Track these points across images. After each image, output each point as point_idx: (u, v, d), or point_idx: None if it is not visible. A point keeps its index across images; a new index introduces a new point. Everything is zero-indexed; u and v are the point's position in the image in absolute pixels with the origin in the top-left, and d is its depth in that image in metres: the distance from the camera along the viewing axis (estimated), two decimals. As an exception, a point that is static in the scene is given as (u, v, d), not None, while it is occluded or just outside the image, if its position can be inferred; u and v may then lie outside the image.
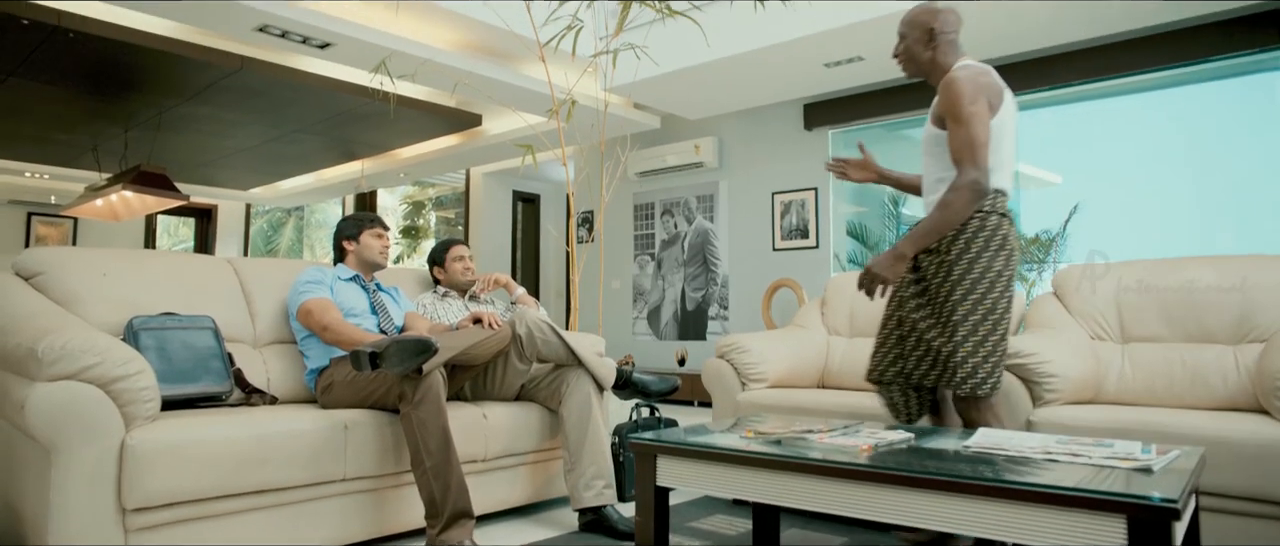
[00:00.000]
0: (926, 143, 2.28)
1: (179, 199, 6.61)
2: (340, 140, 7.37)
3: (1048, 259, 5.99)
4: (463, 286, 3.24)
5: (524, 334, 2.67)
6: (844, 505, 1.62)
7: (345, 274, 2.82)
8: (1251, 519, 2.06)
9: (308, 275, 2.71)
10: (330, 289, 2.69)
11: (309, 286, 2.66)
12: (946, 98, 2.12)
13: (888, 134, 6.26)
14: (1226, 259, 2.75)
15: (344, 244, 2.88)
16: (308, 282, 2.67)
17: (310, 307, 2.59)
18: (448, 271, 3.24)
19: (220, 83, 5.52)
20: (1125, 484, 1.39)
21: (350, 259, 2.87)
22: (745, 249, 6.33)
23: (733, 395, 3.15)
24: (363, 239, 2.85)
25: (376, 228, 2.90)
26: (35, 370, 1.83)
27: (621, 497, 3.12)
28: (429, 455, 2.21)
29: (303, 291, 2.64)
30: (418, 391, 2.22)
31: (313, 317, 2.57)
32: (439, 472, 2.21)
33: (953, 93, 2.10)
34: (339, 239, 2.90)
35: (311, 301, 2.60)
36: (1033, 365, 2.51)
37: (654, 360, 6.85)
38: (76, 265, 2.46)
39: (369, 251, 2.86)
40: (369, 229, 2.87)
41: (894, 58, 2.37)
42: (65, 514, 1.79)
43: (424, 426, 2.21)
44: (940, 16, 2.26)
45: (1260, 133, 4.69)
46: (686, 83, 5.52)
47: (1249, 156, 4.92)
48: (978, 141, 2.06)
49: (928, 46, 2.26)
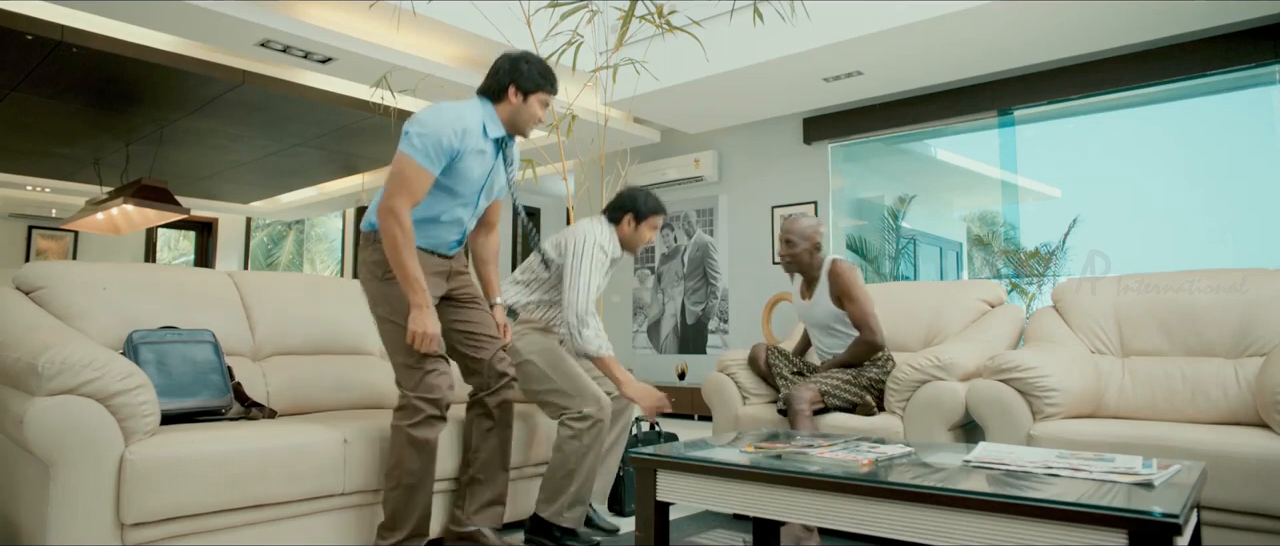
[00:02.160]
0: (825, 322, 2.97)
1: (180, 212, 6.62)
2: (341, 154, 7.39)
3: (1047, 272, 5.99)
4: (633, 251, 2.89)
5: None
6: (845, 520, 1.62)
7: (495, 130, 2.33)
8: (1253, 533, 2.05)
9: (450, 130, 2.19)
10: (456, 157, 2.23)
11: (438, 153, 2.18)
12: (842, 282, 2.87)
13: (886, 148, 6.28)
14: (1226, 272, 2.75)
15: (510, 91, 2.33)
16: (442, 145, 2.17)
17: (408, 174, 2.15)
18: (638, 236, 2.85)
19: (222, 97, 5.54)
20: (1126, 499, 1.39)
21: (504, 109, 2.35)
22: (745, 262, 6.33)
23: (733, 409, 3.15)
24: (531, 100, 2.35)
25: (552, 97, 2.40)
26: (35, 385, 1.83)
27: (621, 512, 3.12)
28: (408, 474, 2.19)
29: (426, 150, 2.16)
30: (420, 415, 2.19)
31: (394, 186, 2.15)
32: (411, 493, 2.20)
33: (847, 278, 2.87)
34: (511, 79, 2.33)
35: (418, 169, 2.16)
36: (1032, 379, 2.51)
37: (654, 374, 6.84)
38: (77, 279, 2.46)
39: (526, 117, 2.37)
40: (545, 94, 2.36)
41: (780, 258, 3.04)
42: (64, 529, 1.79)
43: (415, 445, 2.19)
44: (821, 230, 3.02)
45: (1258, 147, 4.71)
46: (686, 97, 5.54)
47: (1247, 170, 4.94)
48: (872, 311, 2.89)
49: (815, 252, 2.99)
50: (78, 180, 8.30)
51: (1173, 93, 4.69)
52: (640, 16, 3.77)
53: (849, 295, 2.87)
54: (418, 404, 2.22)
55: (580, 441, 2.55)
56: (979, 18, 4.07)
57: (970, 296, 3.29)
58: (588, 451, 2.56)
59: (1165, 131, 5.26)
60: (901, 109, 5.42)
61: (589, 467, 2.58)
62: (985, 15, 4.04)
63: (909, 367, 2.75)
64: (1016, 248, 6.10)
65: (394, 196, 2.16)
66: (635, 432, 3.33)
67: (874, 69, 4.91)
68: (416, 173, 2.17)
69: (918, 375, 2.72)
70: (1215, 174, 5.16)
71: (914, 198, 7.13)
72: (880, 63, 4.80)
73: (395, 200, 2.16)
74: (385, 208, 2.17)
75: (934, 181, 7.38)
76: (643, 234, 2.84)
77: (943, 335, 3.19)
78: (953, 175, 7.11)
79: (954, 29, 4.23)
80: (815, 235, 2.97)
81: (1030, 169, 5.52)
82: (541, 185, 8.33)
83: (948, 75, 5.04)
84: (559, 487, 2.57)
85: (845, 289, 2.87)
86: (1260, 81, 4.41)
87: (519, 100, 2.34)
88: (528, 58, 2.38)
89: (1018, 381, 2.53)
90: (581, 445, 2.55)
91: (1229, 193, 5.07)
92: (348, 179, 8.68)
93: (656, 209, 2.87)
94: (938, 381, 2.69)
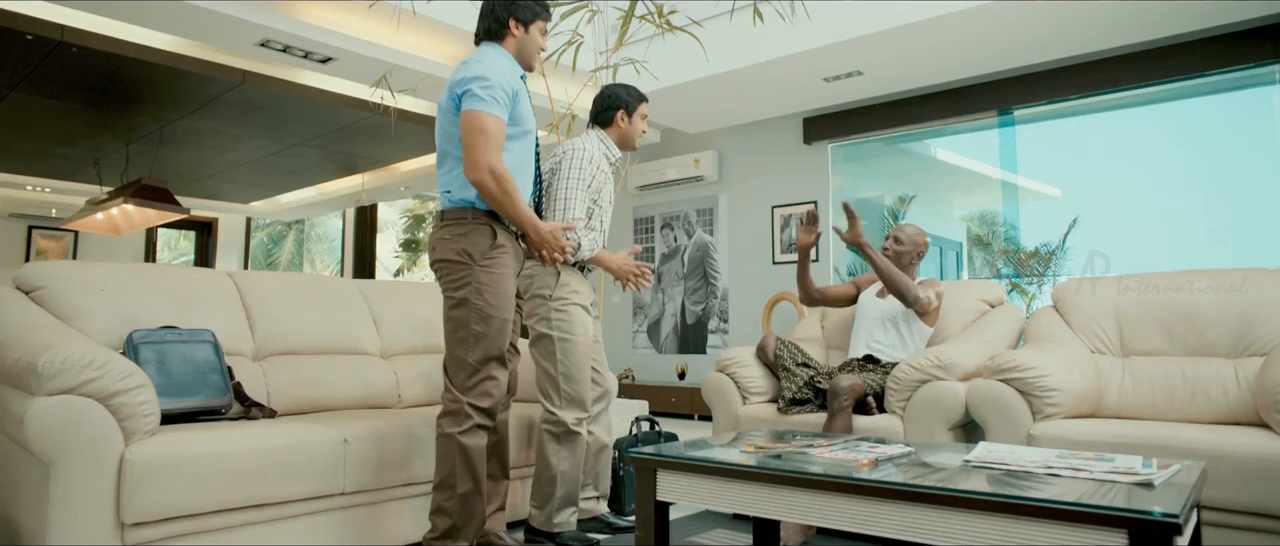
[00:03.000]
0: (893, 316, 3.13)
1: (180, 212, 6.62)
2: (341, 154, 7.39)
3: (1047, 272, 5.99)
4: (630, 147, 2.85)
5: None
6: (845, 520, 1.62)
7: (519, 70, 2.32)
8: (1253, 533, 2.05)
9: (505, 72, 2.18)
10: (516, 97, 2.21)
11: (502, 95, 2.14)
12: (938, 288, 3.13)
13: (886, 148, 6.28)
14: (1226, 272, 2.75)
15: (511, 24, 2.31)
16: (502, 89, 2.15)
17: (490, 128, 2.10)
18: (631, 127, 2.82)
19: (222, 97, 5.54)
20: (1126, 498, 1.39)
21: (510, 45, 2.33)
22: (745, 262, 6.33)
23: (733, 409, 3.15)
24: (532, 30, 2.34)
25: (547, 23, 2.39)
26: (35, 384, 1.83)
27: (620, 512, 3.11)
28: (461, 481, 2.13)
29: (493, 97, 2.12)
30: (474, 420, 2.14)
31: (481, 147, 2.09)
32: (466, 503, 2.15)
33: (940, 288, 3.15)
34: (509, 13, 2.30)
35: (495, 120, 2.12)
36: (1032, 379, 2.51)
37: (654, 374, 6.84)
38: (77, 279, 2.46)
39: (532, 48, 2.36)
40: (544, 21, 2.36)
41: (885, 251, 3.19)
42: (63, 528, 1.79)
43: (466, 452, 2.13)
44: (927, 240, 3.27)
45: (1258, 146, 4.71)
46: (686, 97, 5.54)
47: (1247, 170, 4.94)
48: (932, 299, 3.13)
49: (917, 259, 3.23)
50: (78, 180, 8.30)
51: (1173, 92, 4.69)
52: (640, 16, 3.77)
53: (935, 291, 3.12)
54: (468, 410, 2.15)
55: (558, 444, 2.57)
56: (979, 17, 4.07)
57: (970, 296, 3.29)
58: (568, 454, 2.57)
59: (1165, 131, 5.26)
60: (901, 109, 5.42)
61: (572, 469, 2.59)
62: (985, 15, 4.04)
63: (909, 367, 2.75)
64: (1016, 247, 6.10)
65: (484, 151, 2.09)
66: (635, 432, 3.33)
67: (874, 69, 4.91)
68: (494, 122, 2.12)
69: (918, 375, 2.72)
70: (1215, 174, 5.16)
71: (914, 197, 7.14)
72: (880, 62, 4.80)
73: (488, 155, 2.09)
74: (482, 168, 2.09)
75: (934, 181, 7.38)
76: (637, 126, 2.84)
77: (943, 335, 3.19)
78: (953, 175, 7.12)
79: (954, 28, 4.23)
80: (922, 244, 3.24)
81: (1030, 169, 5.52)
82: (541, 185, 8.32)
83: (948, 75, 5.04)
84: (546, 493, 2.60)
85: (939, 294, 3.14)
86: (1260, 81, 4.41)
87: (521, 32, 2.31)
88: None
89: (1018, 381, 2.53)
90: (557, 446, 2.57)
91: (1229, 193, 5.07)
92: (347, 179, 8.68)
93: (641, 96, 2.87)
94: (938, 381, 2.69)
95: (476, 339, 2.15)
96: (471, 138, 2.10)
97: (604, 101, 2.82)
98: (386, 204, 10.13)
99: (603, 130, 2.83)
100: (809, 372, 3.02)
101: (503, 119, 2.15)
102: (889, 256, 3.16)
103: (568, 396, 2.57)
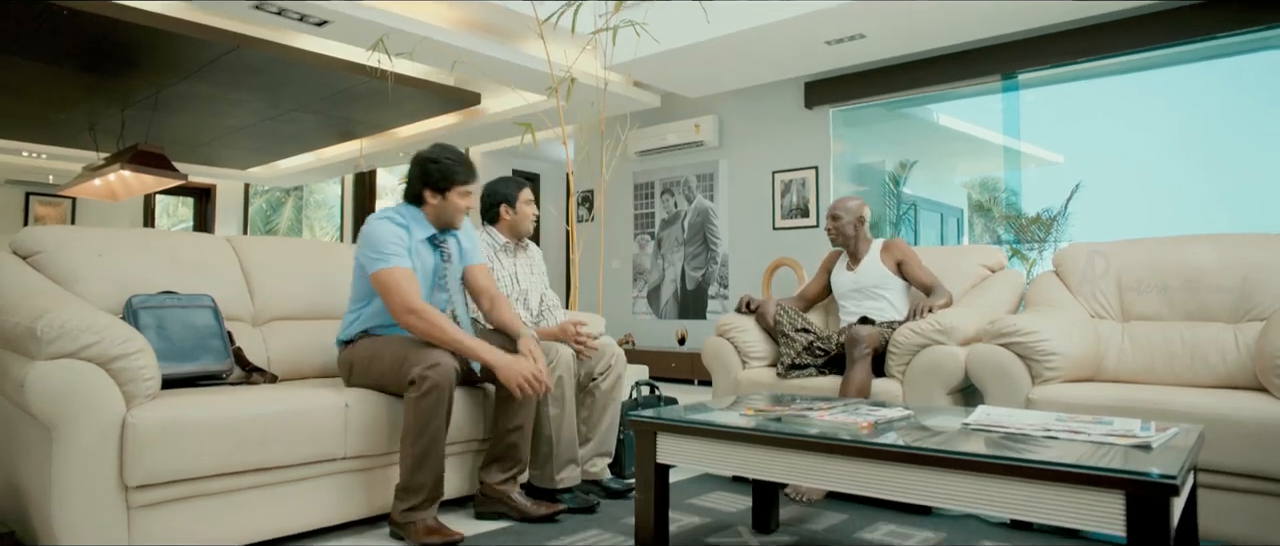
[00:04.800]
0: (870, 286, 3.16)
1: (177, 178, 6.58)
2: (338, 119, 7.34)
3: (1049, 238, 5.98)
4: (523, 234, 2.98)
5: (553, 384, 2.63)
6: (844, 482, 1.63)
7: (422, 231, 2.47)
8: (1249, 495, 2.07)
9: (387, 232, 2.35)
10: (410, 253, 2.39)
11: (393, 248, 2.33)
12: (905, 251, 3.16)
13: (888, 113, 6.23)
14: (1227, 237, 2.74)
15: (425, 194, 2.46)
16: (390, 244, 2.34)
17: (390, 282, 2.29)
18: (517, 215, 2.94)
19: (217, 61, 5.48)
20: (1124, 460, 1.40)
21: (428, 211, 2.48)
22: (745, 228, 6.32)
23: (732, 373, 3.15)
24: (450, 196, 2.45)
25: (468, 185, 2.48)
26: (34, 348, 1.82)
27: (621, 474, 3.14)
28: (415, 441, 2.21)
29: (383, 254, 2.32)
30: (426, 385, 2.19)
31: (395, 297, 2.28)
32: (419, 459, 2.21)
33: (909, 248, 3.18)
34: (423, 184, 2.45)
35: (394, 273, 2.30)
36: (1032, 343, 2.51)
37: (654, 339, 6.86)
38: (74, 244, 2.45)
39: (451, 212, 2.48)
40: (460, 185, 2.45)
41: (827, 232, 3.28)
42: (67, 491, 1.80)
43: (421, 417, 2.20)
44: (866, 208, 3.30)
45: (1261, 111, 4.67)
46: (686, 60, 5.48)
47: (1250, 135, 4.90)
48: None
49: (859, 226, 3.25)
50: (74, 146, 8.25)
51: (1179, 56, 4.63)
52: (640, -23, 3.71)
53: (917, 262, 3.15)
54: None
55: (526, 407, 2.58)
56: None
57: (971, 261, 3.28)
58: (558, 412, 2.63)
59: (1171, 96, 5.22)
60: (904, 73, 5.36)
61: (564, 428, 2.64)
62: (991, -24, 3.98)
63: (909, 332, 2.75)
64: (1018, 214, 6.08)
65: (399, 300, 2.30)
66: (635, 397, 3.34)
67: (876, 31, 4.84)
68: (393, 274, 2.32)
69: (918, 339, 2.73)
70: (1221, 139, 5.12)
71: (915, 163, 7.09)
72: (883, 25, 4.74)
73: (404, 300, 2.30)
74: (400, 312, 2.30)
75: (936, 147, 7.34)
76: (522, 211, 2.93)
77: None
78: (955, 141, 7.07)
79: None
80: (860, 211, 3.26)
81: (1033, 134, 5.49)
82: (541, 150, 8.28)
83: (952, 38, 4.98)
84: (544, 452, 2.65)
85: (910, 256, 3.15)
86: (1269, 45, 4.36)
87: (438, 200, 2.46)
88: (434, 157, 2.45)
89: (1017, 345, 2.53)
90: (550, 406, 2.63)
91: (1235, 158, 5.04)
92: (346, 145, 8.62)
93: (521, 184, 2.96)
94: (938, 345, 2.69)
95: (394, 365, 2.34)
96: (384, 297, 2.33)
97: (485, 199, 2.96)
98: (385, 170, 10.07)
99: (489, 225, 2.98)
100: (808, 337, 3.02)
101: (407, 268, 2.35)
102: (832, 235, 3.27)
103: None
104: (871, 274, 3.19)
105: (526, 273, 3.01)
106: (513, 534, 2.35)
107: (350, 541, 2.29)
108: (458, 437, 2.52)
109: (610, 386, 2.87)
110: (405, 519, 2.23)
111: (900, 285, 3.16)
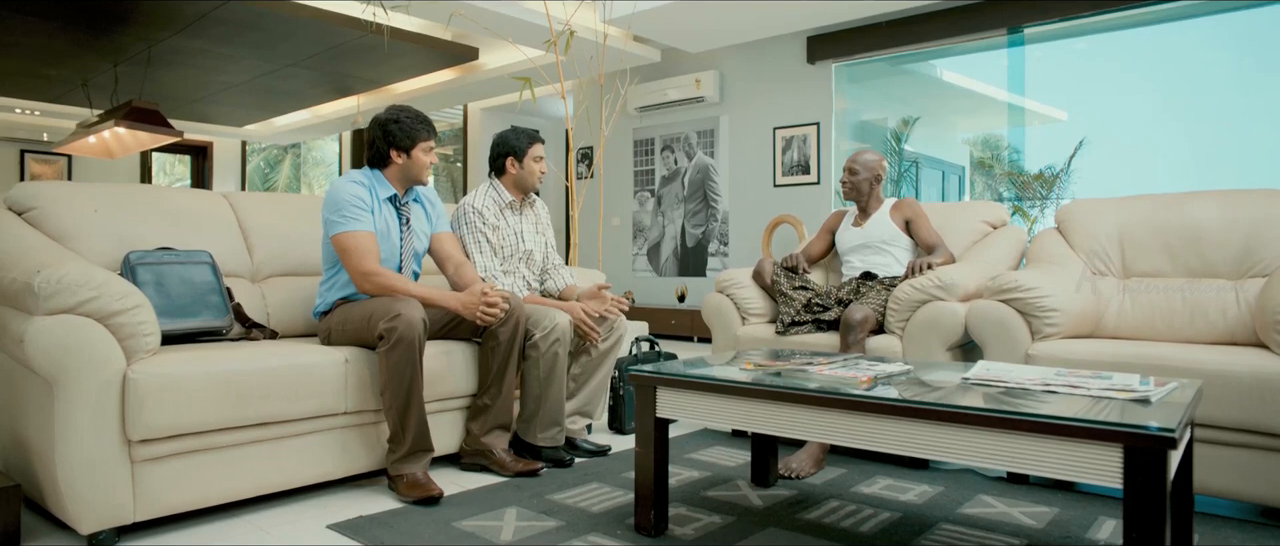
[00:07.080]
0: (876, 242, 3.16)
1: (173, 135, 6.52)
2: (334, 75, 7.25)
3: (1051, 195, 5.95)
4: (528, 189, 2.91)
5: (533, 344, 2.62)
6: (844, 435, 1.64)
7: (385, 191, 2.51)
8: (1246, 450, 2.08)
9: (349, 194, 2.39)
10: (372, 214, 2.44)
11: (354, 212, 2.38)
12: (915, 209, 3.16)
13: (891, 68, 6.15)
14: (1231, 193, 2.72)
15: (391, 154, 2.49)
16: (352, 206, 2.38)
17: (350, 245, 2.35)
18: (523, 170, 2.86)
19: (210, 15, 5.39)
20: (1122, 414, 1.40)
21: (393, 171, 2.52)
22: (746, 185, 6.28)
23: (732, 329, 3.16)
24: (414, 153, 2.50)
25: (431, 140, 2.53)
26: (32, 304, 1.82)
27: (620, 430, 3.16)
28: (394, 394, 2.24)
29: (345, 217, 2.37)
30: (393, 337, 2.20)
31: (352, 259, 2.34)
32: (401, 411, 2.25)
33: (919, 207, 3.18)
34: (387, 145, 2.48)
35: (354, 236, 2.36)
36: (1032, 299, 2.51)
37: (654, 296, 6.87)
38: (70, 200, 2.43)
39: (417, 169, 2.53)
40: (423, 141, 2.50)
41: (842, 185, 3.28)
42: (70, 445, 1.81)
43: (393, 370, 2.22)
44: (884, 164, 3.29)
45: (1268, 67, 4.61)
46: (687, 14, 5.39)
47: (1256, 91, 4.84)
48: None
49: (875, 184, 3.25)
50: (68, 103, 8.16)
51: (1188, 9, 4.56)
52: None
53: (926, 222, 3.14)
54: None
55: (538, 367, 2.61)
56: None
57: (973, 218, 3.26)
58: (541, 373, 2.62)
59: (1178, 52, 5.15)
60: (909, 27, 5.28)
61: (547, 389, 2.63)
62: (998, -74, 3.89)
63: (910, 288, 2.75)
64: (1020, 171, 6.04)
65: (356, 264, 2.35)
66: (634, 352, 3.35)
67: (881, -16, 4.76)
68: (354, 238, 2.37)
69: (918, 295, 2.72)
70: (1228, 96, 5.06)
71: (918, 119, 7.03)
72: (888, -23, 4.65)
73: (360, 264, 2.35)
74: (357, 275, 2.35)
75: (939, 103, 7.26)
76: (530, 168, 2.87)
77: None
78: (958, 97, 7.00)
79: (965, -59, 4.08)
80: (878, 168, 3.25)
81: (1037, 91, 5.42)
82: (540, 106, 8.20)
83: (957, -9, 4.89)
84: (529, 410, 2.65)
85: (919, 215, 3.15)
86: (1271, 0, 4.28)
87: (403, 158, 2.50)
88: (395, 117, 2.49)
89: (1018, 301, 2.53)
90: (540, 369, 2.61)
91: (1240, 115, 4.99)
92: (342, 101, 8.53)
93: (533, 137, 2.89)
94: (938, 301, 2.69)
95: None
96: (343, 259, 2.38)
97: (494, 150, 2.90)
98: (383, 127, 10.02)
99: (496, 178, 2.91)
100: (806, 295, 3.02)
101: (367, 231, 2.38)
102: (846, 189, 3.27)
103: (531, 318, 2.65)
104: (880, 229, 3.19)
105: (532, 231, 2.97)
106: (512, 487, 2.37)
107: (351, 494, 2.32)
108: (452, 393, 2.54)
109: (610, 347, 2.87)
110: (396, 470, 2.29)
111: (907, 242, 3.16)
